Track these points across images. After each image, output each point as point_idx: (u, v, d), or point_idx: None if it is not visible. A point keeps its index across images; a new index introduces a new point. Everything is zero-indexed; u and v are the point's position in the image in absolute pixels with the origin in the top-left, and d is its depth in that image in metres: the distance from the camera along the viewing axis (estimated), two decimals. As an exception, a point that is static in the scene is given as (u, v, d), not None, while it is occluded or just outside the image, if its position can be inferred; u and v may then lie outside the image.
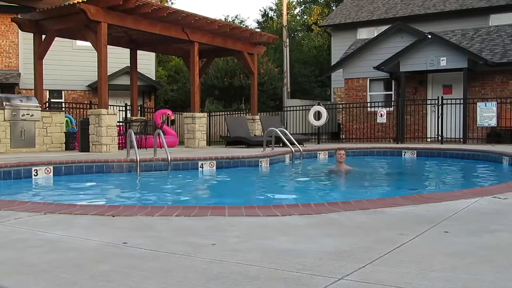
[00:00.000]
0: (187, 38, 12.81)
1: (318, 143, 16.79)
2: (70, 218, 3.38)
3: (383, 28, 19.39)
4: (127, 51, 15.04)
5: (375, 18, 21.41)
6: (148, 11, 11.10)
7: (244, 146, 13.32)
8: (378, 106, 17.58)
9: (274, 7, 39.21)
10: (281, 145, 12.16)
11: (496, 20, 18.70)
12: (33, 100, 11.69)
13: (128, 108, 15.49)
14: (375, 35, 19.31)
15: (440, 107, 15.22)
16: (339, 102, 20.64)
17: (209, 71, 22.32)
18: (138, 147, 8.38)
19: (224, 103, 22.64)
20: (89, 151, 10.96)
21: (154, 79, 21.62)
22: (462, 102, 15.54)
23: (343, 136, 19.25)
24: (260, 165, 9.23)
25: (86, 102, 18.01)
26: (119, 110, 15.47)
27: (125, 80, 18.68)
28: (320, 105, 16.83)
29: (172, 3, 35.27)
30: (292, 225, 3.10)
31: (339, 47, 22.16)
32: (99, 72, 10.94)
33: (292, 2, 38.31)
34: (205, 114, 14.64)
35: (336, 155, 8.52)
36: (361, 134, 18.00)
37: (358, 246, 2.54)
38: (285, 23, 25.44)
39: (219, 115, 18.94)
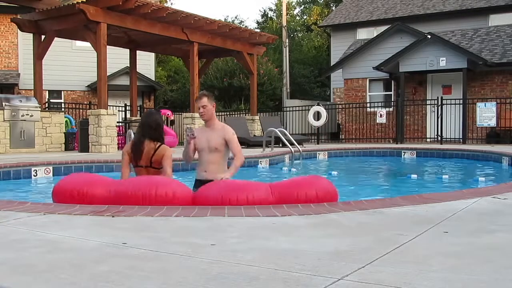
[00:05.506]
0: (187, 38, 12.81)
1: (318, 143, 16.79)
2: (70, 219, 3.37)
3: (383, 28, 19.39)
4: (126, 52, 15.03)
5: (375, 19, 21.41)
6: (148, 12, 11.10)
7: (244, 146, 13.32)
8: (377, 107, 17.59)
9: (273, 7, 39.20)
10: (280, 145, 12.16)
11: (496, 20, 18.70)
12: (32, 101, 11.69)
13: (127, 109, 15.49)
14: (375, 36, 19.31)
15: (439, 107, 15.23)
16: (338, 103, 20.64)
17: (209, 71, 22.31)
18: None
19: (224, 103, 22.63)
20: (88, 152, 10.96)
21: (153, 79, 21.61)
22: (461, 102, 15.55)
23: (343, 137, 19.26)
24: (260, 165, 9.23)
25: (85, 102, 18.01)
26: (119, 111, 15.47)
27: (124, 81, 18.67)
28: (320, 106, 16.83)
29: (171, 4, 35.23)
30: (292, 226, 3.10)
31: (338, 47, 22.16)
32: (99, 72, 10.94)
33: (292, 2, 38.30)
34: (205, 115, 14.62)
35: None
36: (360, 135, 17.99)
37: (357, 246, 2.53)
38: (284, 23, 25.44)
39: (219, 115, 18.93)
